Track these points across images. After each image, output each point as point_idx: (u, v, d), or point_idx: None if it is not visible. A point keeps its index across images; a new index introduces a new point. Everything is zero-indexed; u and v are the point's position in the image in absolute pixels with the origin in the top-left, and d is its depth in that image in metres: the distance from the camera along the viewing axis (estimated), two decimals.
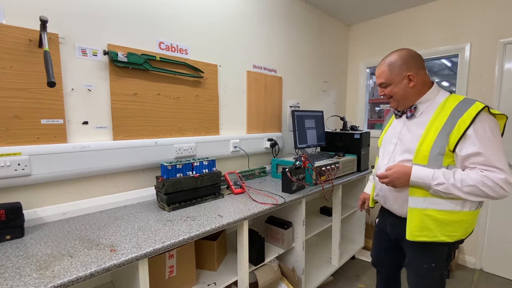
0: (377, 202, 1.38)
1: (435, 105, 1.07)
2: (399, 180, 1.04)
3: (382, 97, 1.17)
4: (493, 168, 0.92)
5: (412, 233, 1.08)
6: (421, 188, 1.04)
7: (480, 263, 2.43)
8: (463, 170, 0.98)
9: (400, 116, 1.19)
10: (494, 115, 0.97)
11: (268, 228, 1.74)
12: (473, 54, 2.38)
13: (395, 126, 1.22)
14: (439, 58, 2.73)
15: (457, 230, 1.03)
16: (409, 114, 1.12)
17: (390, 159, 1.17)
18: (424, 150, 1.02)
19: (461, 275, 2.35)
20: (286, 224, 1.69)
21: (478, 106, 0.95)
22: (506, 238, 2.28)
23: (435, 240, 1.04)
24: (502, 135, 1.00)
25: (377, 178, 1.16)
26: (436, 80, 3.19)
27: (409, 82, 1.06)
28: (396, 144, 1.16)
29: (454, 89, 2.58)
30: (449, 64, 2.87)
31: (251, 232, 1.45)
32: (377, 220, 1.41)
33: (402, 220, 1.15)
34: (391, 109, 1.28)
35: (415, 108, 1.11)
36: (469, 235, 1.09)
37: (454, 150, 0.98)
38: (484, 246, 2.40)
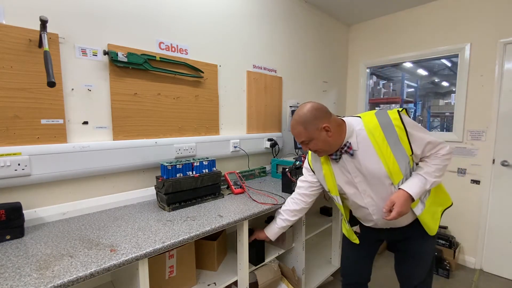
0: (354, 224, 1.34)
1: (362, 132, 1.10)
2: (407, 207, 1.05)
3: (306, 151, 1.19)
4: (439, 146, 1.09)
5: (433, 229, 1.16)
6: None
7: (480, 263, 2.43)
8: (422, 161, 1.12)
9: (340, 158, 1.14)
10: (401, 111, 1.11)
11: None
12: (473, 54, 2.38)
13: (342, 168, 1.16)
14: (439, 58, 2.73)
15: (443, 194, 1.21)
16: (351, 151, 1.10)
17: (370, 196, 1.13)
18: (395, 169, 1.06)
19: (461, 275, 2.35)
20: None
21: (394, 111, 1.08)
22: (506, 238, 2.28)
23: (441, 214, 1.18)
24: None
25: (367, 221, 1.23)
26: (436, 80, 3.19)
27: (327, 133, 1.07)
28: (364, 181, 1.12)
29: (454, 89, 2.58)
30: (449, 64, 2.88)
31: (252, 232, 1.45)
32: (356, 227, 1.34)
33: (403, 227, 1.19)
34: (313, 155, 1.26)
35: (350, 144, 1.10)
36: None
37: (412, 153, 1.07)
38: (484, 246, 2.40)
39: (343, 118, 1.14)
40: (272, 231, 1.42)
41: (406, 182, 1.08)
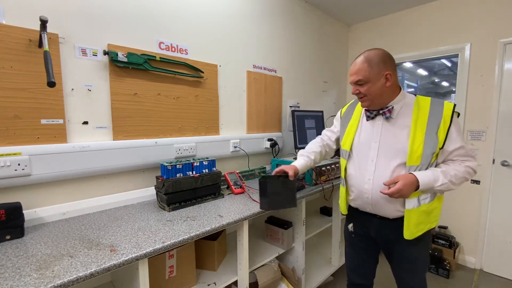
0: (350, 209, 1.32)
1: (409, 106, 1.10)
2: (408, 191, 1.03)
3: (354, 94, 1.14)
4: (469, 157, 1.08)
5: (412, 232, 1.10)
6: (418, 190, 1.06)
7: (480, 263, 2.43)
8: (445, 163, 1.10)
9: (373, 118, 1.16)
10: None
11: (268, 228, 1.74)
12: (473, 54, 2.38)
13: (368, 129, 1.17)
14: (439, 58, 2.73)
15: (437, 214, 1.16)
16: (388, 115, 1.10)
17: (376, 165, 1.12)
18: (417, 151, 1.04)
19: (461, 275, 2.35)
20: (286, 224, 1.69)
21: (450, 104, 1.07)
22: (506, 238, 2.28)
23: (427, 230, 1.14)
24: None
25: (360, 187, 1.17)
26: (436, 80, 3.19)
27: (386, 81, 1.06)
28: (379, 148, 1.12)
29: (454, 89, 2.58)
30: (449, 64, 2.88)
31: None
32: (351, 225, 1.33)
33: (390, 221, 1.15)
34: (356, 107, 1.29)
35: (392, 108, 1.10)
36: None
37: (442, 147, 1.06)
38: (484, 246, 2.40)
39: (400, 86, 1.14)
40: (299, 163, 1.34)
41: (420, 171, 1.05)
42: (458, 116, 1.10)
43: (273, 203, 1.26)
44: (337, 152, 1.45)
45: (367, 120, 1.18)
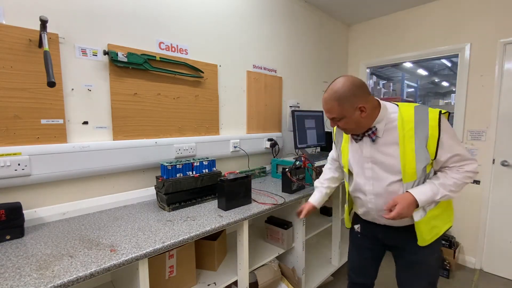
0: (356, 223, 1.34)
1: (393, 122, 1.05)
2: (409, 212, 1.02)
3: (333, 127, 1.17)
4: (467, 161, 1.03)
5: (426, 239, 1.10)
6: None
7: (480, 263, 2.43)
8: (442, 171, 1.07)
9: (361, 140, 1.13)
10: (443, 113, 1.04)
11: (268, 228, 1.74)
12: (473, 54, 2.38)
13: (358, 150, 1.15)
14: (439, 58, 2.73)
15: (450, 214, 1.15)
16: (373, 137, 1.07)
17: (373, 185, 1.12)
18: (411, 168, 1.02)
19: (461, 275, 2.35)
20: (286, 224, 1.69)
21: (435, 112, 1.01)
22: (506, 238, 2.28)
23: (443, 231, 1.12)
24: None
25: (365, 206, 1.19)
26: (436, 80, 3.19)
27: (361, 113, 1.02)
28: (372, 168, 1.11)
29: (454, 89, 2.58)
30: (449, 64, 2.88)
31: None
32: (357, 226, 1.33)
33: (398, 229, 1.15)
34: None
35: (376, 129, 1.07)
36: None
37: (434, 158, 1.03)
38: (484, 246, 2.40)
39: (379, 101, 1.09)
40: (317, 198, 1.39)
41: (417, 187, 1.04)
42: (448, 116, 1.05)
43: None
44: None
45: (356, 142, 1.16)
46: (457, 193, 1.04)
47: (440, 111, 1.02)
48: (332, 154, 1.45)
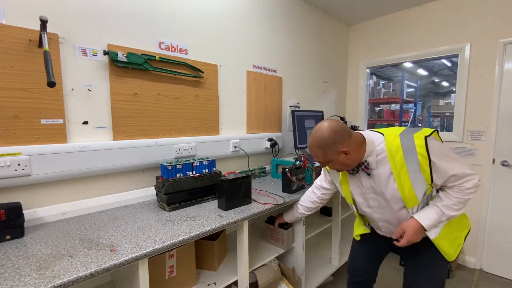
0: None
1: (382, 152, 1.05)
2: (418, 237, 1.05)
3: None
4: (466, 178, 1.01)
5: (450, 254, 1.10)
6: None
7: (480, 263, 2.43)
8: (443, 190, 1.06)
9: (357, 172, 1.13)
10: (430, 135, 1.03)
11: (268, 228, 1.74)
12: (473, 54, 2.38)
13: (357, 182, 1.16)
14: (439, 58, 2.73)
15: (464, 217, 1.17)
16: (368, 172, 1.08)
17: (381, 212, 1.15)
18: (410, 195, 1.03)
19: (461, 275, 2.35)
20: (286, 224, 1.69)
21: (420, 137, 1.00)
22: (506, 238, 2.28)
23: (464, 236, 1.14)
24: None
25: (377, 229, 1.25)
26: (436, 80, 3.19)
27: (346, 155, 1.03)
28: (376, 198, 1.13)
29: (454, 89, 2.58)
30: (449, 64, 2.88)
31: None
32: (369, 225, 1.34)
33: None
34: None
35: (368, 163, 1.07)
36: None
37: (432, 182, 1.02)
38: (484, 246, 2.40)
39: (364, 134, 1.09)
40: (290, 218, 1.59)
41: (422, 211, 1.05)
42: (438, 133, 1.05)
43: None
44: None
45: (354, 175, 1.16)
46: (462, 209, 1.05)
47: (425, 136, 1.00)
48: (321, 182, 1.41)
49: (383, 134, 1.08)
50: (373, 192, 1.12)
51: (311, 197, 1.47)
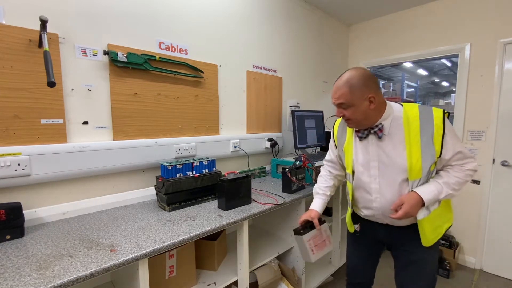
0: (355, 222, 1.32)
1: (399, 120, 1.07)
2: (415, 211, 1.04)
3: (339, 117, 1.13)
4: (468, 159, 1.06)
5: (429, 239, 1.11)
6: None
7: (480, 263, 2.43)
8: (444, 170, 1.09)
9: (365, 138, 1.13)
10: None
11: (308, 239, 1.38)
12: (473, 54, 2.38)
13: (364, 149, 1.15)
14: (439, 58, 2.73)
15: (450, 211, 1.18)
16: (380, 134, 1.08)
17: (380, 183, 1.13)
18: (416, 166, 1.03)
19: (461, 275, 2.35)
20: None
21: (439, 111, 1.05)
22: (506, 238, 2.28)
23: (444, 230, 1.14)
24: None
25: (369, 206, 1.17)
26: (436, 80, 3.19)
27: (370, 104, 1.03)
28: (379, 167, 1.11)
29: (454, 89, 2.58)
30: (449, 64, 2.88)
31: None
32: (357, 226, 1.32)
33: (400, 228, 1.16)
34: (347, 127, 1.23)
35: (382, 126, 1.08)
36: None
37: (439, 156, 1.05)
38: (484, 246, 2.40)
39: (386, 100, 1.11)
40: (322, 206, 1.33)
41: (422, 186, 1.05)
42: (448, 116, 1.08)
43: None
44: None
45: (360, 140, 1.15)
46: (459, 191, 1.06)
47: (444, 111, 1.05)
48: (330, 156, 1.40)
49: (402, 105, 1.11)
50: (378, 160, 1.11)
51: (330, 176, 1.39)
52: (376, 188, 1.13)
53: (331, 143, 1.38)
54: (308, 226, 1.24)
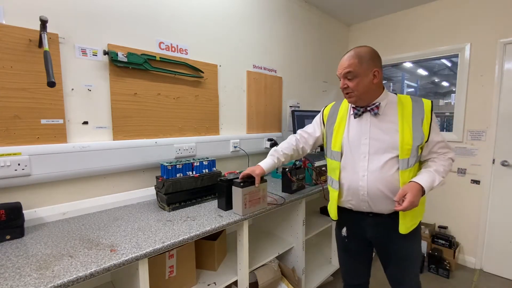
0: (342, 212, 1.29)
1: (393, 104, 1.16)
2: (418, 200, 1.06)
3: (342, 89, 1.16)
4: (448, 149, 1.18)
5: (407, 226, 1.15)
6: None
7: (480, 263, 2.43)
8: (430, 159, 1.17)
9: (360, 115, 1.19)
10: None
11: (245, 193, 1.35)
12: (473, 54, 2.38)
13: (356, 126, 1.20)
14: (439, 58, 2.73)
15: (424, 207, 1.23)
16: (376, 111, 1.15)
17: (369, 160, 1.14)
18: (407, 144, 1.09)
19: (461, 275, 2.35)
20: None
21: (428, 101, 1.15)
22: (506, 238, 2.28)
23: (418, 222, 1.21)
24: None
25: (355, 185, 1.17)
26: (436, 80, 3.19)
27: (373, 78, 1.11)
28: (369, 144, 1.15)
29: (454, 89, 2.58)
30: (449, 64, 2.88)
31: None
32: (344, 230, 1.31)
33: (385, 217, 1.17)
34: (340, 108, 1.30)
35: (379, 104, 1.15)
36: None
37: (427, 140, 1.13)
38: (484, 246, 2.40)
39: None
40: (266, 165, 1.35)
41: (417, 176, 1.09)
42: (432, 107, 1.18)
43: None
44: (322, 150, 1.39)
45: (355, 117, 1.21)
46: (445, 179, 1.15)
47: (432, 101, 1.16)
48: (307, 129, 1.42)
49: (396, 94, 1.21)
50: (370, 137, 1.16)
51: (294, 147, 1.40)
52: (364, 166, 1.15)
53: (318, 119, 1.40)
54: (249, 181, 1.30)
